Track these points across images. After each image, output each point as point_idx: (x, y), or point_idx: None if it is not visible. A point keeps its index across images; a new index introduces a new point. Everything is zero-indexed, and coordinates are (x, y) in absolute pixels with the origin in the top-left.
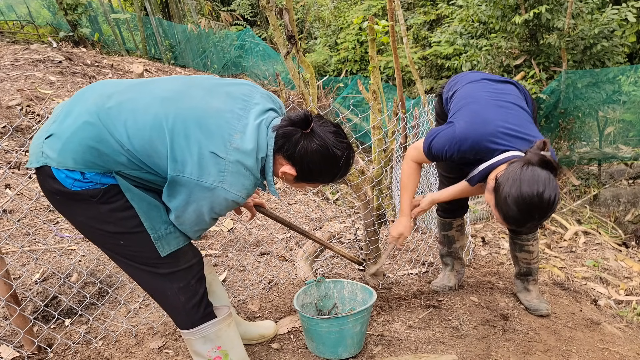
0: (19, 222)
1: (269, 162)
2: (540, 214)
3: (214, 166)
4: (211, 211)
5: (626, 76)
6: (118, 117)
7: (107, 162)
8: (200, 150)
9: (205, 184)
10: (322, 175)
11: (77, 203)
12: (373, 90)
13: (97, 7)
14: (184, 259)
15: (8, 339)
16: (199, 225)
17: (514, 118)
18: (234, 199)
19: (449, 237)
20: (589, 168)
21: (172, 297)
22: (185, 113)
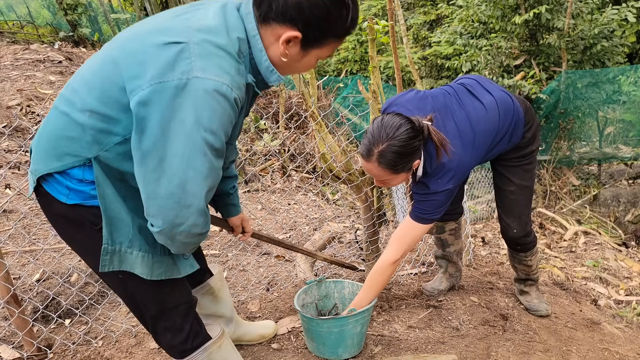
0: (19, 222)
1: (257, 44)
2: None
3: (176, 56)
4: (199, 125)
5: (626, 76)
6: (70, 88)
7: (80, 147)
8: (157, 47)
9: (171, 82)
10: (330, 23)
11: (77, 230)
12: (373, 90)
13: (97, 7)
14: (170, 299)
15: (8, 340)
16: (194, 166)
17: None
18: (216, 87)
19: (442, 240)
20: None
21: (160, 335)
22: (133, 30)
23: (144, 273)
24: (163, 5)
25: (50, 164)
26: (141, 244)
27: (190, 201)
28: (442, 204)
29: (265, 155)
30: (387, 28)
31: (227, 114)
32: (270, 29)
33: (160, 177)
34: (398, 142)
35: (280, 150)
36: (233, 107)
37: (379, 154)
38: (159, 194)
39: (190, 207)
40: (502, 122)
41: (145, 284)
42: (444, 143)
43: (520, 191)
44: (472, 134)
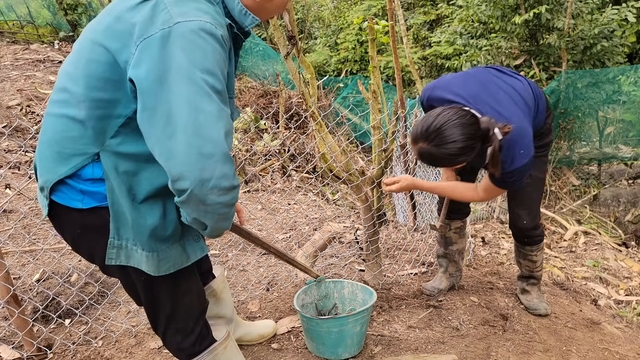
0: (19, 222)
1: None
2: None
3: (152, 10)
4: (194, 67)
5: (626, 76)
6: (57, 90)
7: (84, 143)
8: (131, 11)
9: (156, 35)
10: None
11: (98, 235)
12: (373, 90)
13: (97, 7)
14: (186, 299)
15: (8, 340)
16: (203, 109)
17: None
18: (200, 26)
19: (445, 238)
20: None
21: (169, 336)
22: (101, 14)
23: (151, 270)
24: None
25: (58, 170)
26: (144, 244)
27: (212, 148)
28: (525, 173)
29: (265, 155)
30: (387, 28)
31: (218, 52)
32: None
33: (174, 131)
34: (441, 154)
35: (280, 150)
36: (222, 45)
37: (420, 149)
38: (178, 150)
39: (214, 155)
40: (534, 99)
41: (163, 281)
42: (497, 165)
43: (534, 183)
44: (523, 101)
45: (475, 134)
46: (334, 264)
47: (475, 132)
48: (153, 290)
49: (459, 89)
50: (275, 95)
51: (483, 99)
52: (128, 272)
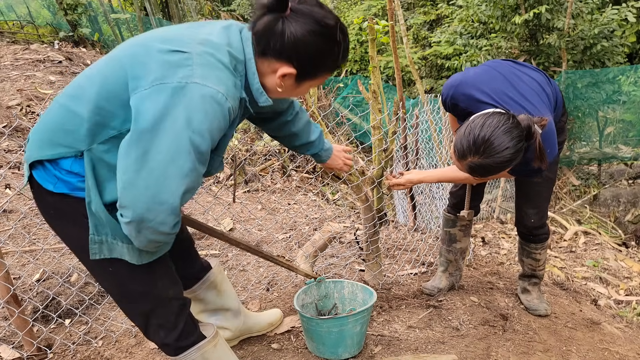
0: (19, 222)
1: (251, 67)
2: (471, 150)
3: (179, 62)
4: (188, 126)
5: (626, 76)
6: (76, 85)
7: (74, 139)
8: (161, 53)
9: (171, 84)
10: (323, 59)
11: (68, 222)
12: (373, 90)
13: (97, 7)
14: (162, 292)
15: (8, 340)
16: (177, 163)
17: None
18: (212, 94)
19: (450, 235)
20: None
21: (152, 332)
22: (138, 39)
23: (133, 259)
24: (163, 5)
25: (42, 152)
26: (124, 237)
27: (165, 198)
28: (540, 171)
29: (265, 155)
30: (387, 28)
31: (218, 121)
32: (268, 62)
33: (141, 168)
34: (495, 164)
35: (280, 150)
36: (225, 116)
37: (471, 164)
38: (136, 185)
39: (164, 204)
40: (554, 93)
41: (136, 275)
42: (543, 158)
43: (545, 182)
44: (545, 93)
45: (522, 135)
46: (334, 264)
47: (522, 133)
48: (131, 283)
49: (484, 85)
50: None
51: (510, 96)
52: (105, 265)
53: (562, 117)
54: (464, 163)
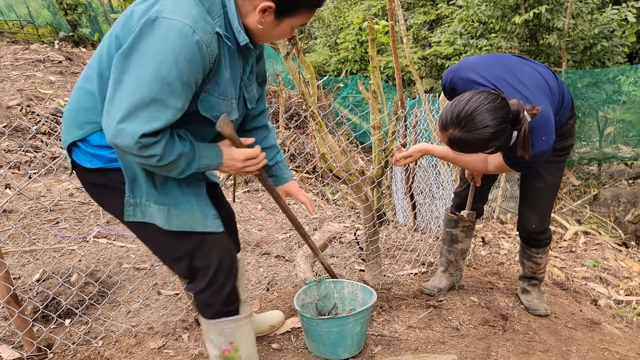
0: (19, 222)
1: (231, 7)
2: (453, 122)
3: (152, 4)
4: (154, 57)
5: (626, 76)
6: (87, 66)
7: (94, 114)
8: (136, 5)
9: (144, 19)
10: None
11: (110, 193)
12: (373, 90)
13: (97, 7)
14: (214, 253)
15: (8, 340)
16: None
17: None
18: (179, 27)
19: (452, 235)
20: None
21: (198, 291)
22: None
23: (161, 223)
24: None
25: (73, 134)
26: (156, 198)
27: (125, 125)
28: (541, 161)
29: None
30: (387, 28)
31: (185, 53)
32: (249, 0)
33: (112, 97)
34: (473, 140)
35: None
36: (193, 48)
37: (450, 136)
38: (109, 112)
39: (124, 130)
40: (559, 90)
41: (189, 239)
42: (527, 149)
43: (548, 188)
44: (547, 87)
45: (507, 118)
46: (334, 264)
47: (507, 115)
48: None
49: (482, 70)
50: (275, 95)
51: (507, 81)
52: (143, 228)
53: (570, 120)
54: (445, 134)
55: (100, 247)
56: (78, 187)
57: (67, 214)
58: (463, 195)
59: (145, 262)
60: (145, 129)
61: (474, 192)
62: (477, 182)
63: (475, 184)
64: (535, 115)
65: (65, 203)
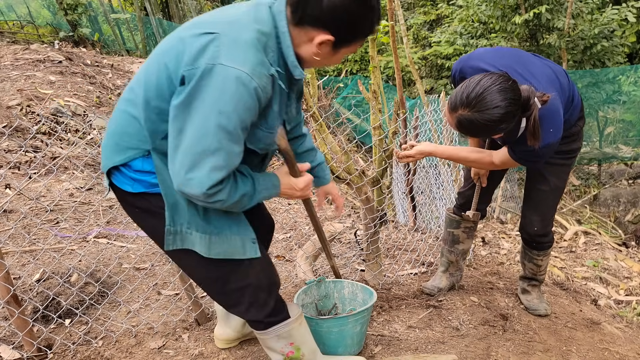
0: (19, 222)
1: (286, 40)
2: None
3: (207, 44)
4: (214, 106)
5: (626, 76)
6: (129, 89)
7: (138, 140)
8: (193, 37)
9: (200, 67)
10: (359, 25)
11: (149, 216)
12: (373, 90)
13: (97, 7)
14: (252, 274)
15: (8, 340)
16: (203, 143)
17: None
18: (237, 75)
19: (453, 236)
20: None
21: (244, 311)
22: (176, 34)
23: (202, 251)
24: (163, 5)
25: (114, 159)
26: (198, 225)
27: (193, 175)
28: (546, 155)
29: None
30: (387, 28)
31: (244, 101)
32: (304, 31)
33: (176, 146)
34: (483, 120)
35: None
36: (251, 95)
37: (460, 117)
38: (174, 161)
39: (193, 179)
40: (570, 87)
41: (226, 263)
42: (537, 136)
43: (553, 191)
44: (558, 81)
45: (517, 100)
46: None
47: (517, 98)
48: (215, 269)
49: (493, 60)
50: None
51: (518, 72)
52: (189, 254)
53: (579, 122)
54: (454, 116)
55: (100, 247)
56: (78, 187)
57: (67, 214)
58: (467, 195)
59: (145, 262)
60: (212, 180)
61: (479, 192)
62: (483, 182)
63: (481, 184)
64: (545, 102)
65: (65, 203)
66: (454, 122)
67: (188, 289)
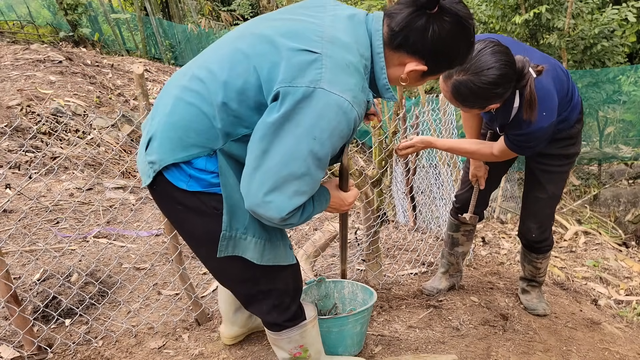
0: (19, 222)
1: (380, 62)
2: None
3: (309, 64)
4: (310, 132)
5: (626, 76)
6: (196, 80)
7: (207, 138)
8: (291, 52)
9: (300, 88)
10: (456, 58)
11: (198, 216)
12: None
13: (97, 7)
14: (281, 279)
15: (8, 339)
16: (291, 166)
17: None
18: (339, 103)
19: (453, 239)
20: (589, 168)
21: (265, 312)
22: (263, 31)
23: (254, 258)
24: (163, 5)
25: (176, 154)
26: (255, 230)
27: (274, 198)
28: (541, 140)
29: None
30: None
31: (340, 129)
32: (398, 55)
33: (258, 165)
34: (479, 83)
35: None
36: (349, 124)
37: (455, 82)
38: (252, 180)
39: (272, 203)
40: (569, 84)
41: (259, 266)
42: (533, 106)
43: (549, 199)
44: (555, 73)
45: (511, 63)
46: (335, 264)
47: (511, 61)
48: (253, 271)
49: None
50: None
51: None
52: (233, 261)
53: (577, 124)
54: (449, 82)
55: (100, 247)
56: (78, 187)
57: (67, 213)
58: (464, 198)
59: (145, 262)
60: (293, 205)
61: (477, 195)
62: (481, 184)
63: (479, 187)
64: (540, 72)
65: (65, 203)
66: (449, 89)
67: (188, 289)
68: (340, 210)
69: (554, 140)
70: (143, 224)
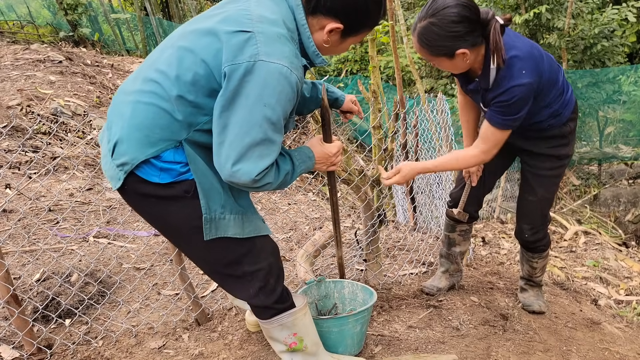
0: (19, 222)
1: (305, 32)
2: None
3: (245, 42)
4: (259, 100)
5: (626, 76)
6: (149, 81)
7: (171, 132)
8: (228, 35)
9: (242, 64)
10: (367, 16)
11: (171, 203)
12: (373, 90)
13: (97, 7)
14: (263, 257)
15: (8, 340)
16: (250, 135)
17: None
18: (278, 69)
19: (449, 239)
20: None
21: (252, 295)
22: (201, 26)
23: (237, 233)
24: (163, 5)
25: (146, 151)
26: (232, 207)
27: (241, 166)
28: (521, 105)
29: None
30: (387, 28)
31: (286, 93)
32: (317, 19)
33: (222, 141)
34: (439, 22)
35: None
36: (292, 87)
37: (420, 30)
38: (220, 155)
39: (240, 170)
40: (562, 78)
41: (240, 245)
42: (499, 49)
43: (540, 202)
44: (544, 59)
45: (472, 7)
46: (335, 264)
47: (472, 5)
48: (235, 251)
49: None
50: None
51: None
52: (218, 243)
53: (570, 122)
54: (416, 33)
55: (100, 247)
56: (78, 187)
57: (67, 214)
58: (457, 197)
59: (145, 262)
60: (259, 168)
61: (468, 192)
62: (473, 180)
63: (471, 183)
64: (509, 20)
65: (65, 203)
66: (417, 39)
67: (188, 289)
68: (327, 163)
69: (544, 138)
70: (142, 224)
